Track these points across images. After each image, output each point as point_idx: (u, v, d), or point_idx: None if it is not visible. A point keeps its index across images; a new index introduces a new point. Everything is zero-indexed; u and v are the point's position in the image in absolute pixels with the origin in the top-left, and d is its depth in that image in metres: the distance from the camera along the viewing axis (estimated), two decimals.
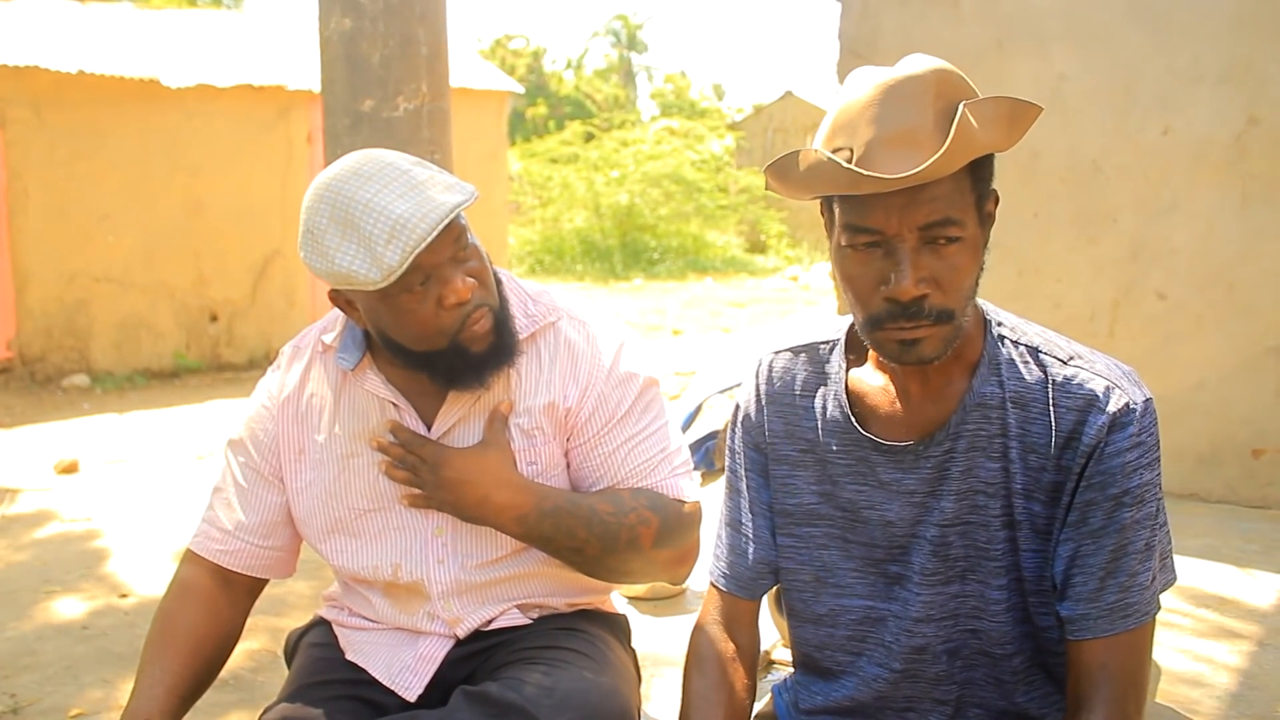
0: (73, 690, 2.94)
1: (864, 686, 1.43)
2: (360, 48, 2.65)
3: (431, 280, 1.45)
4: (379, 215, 1.39)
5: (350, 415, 1.62)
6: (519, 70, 29.82)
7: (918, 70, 1.21)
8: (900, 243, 1.21)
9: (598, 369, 1.61)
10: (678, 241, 19.49)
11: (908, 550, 1.37)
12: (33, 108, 8.14)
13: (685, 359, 8.63)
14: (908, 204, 1.19)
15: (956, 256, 1.23)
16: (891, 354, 1.28)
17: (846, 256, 1.26)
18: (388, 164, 1.45)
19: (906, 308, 1.22)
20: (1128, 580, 1.26)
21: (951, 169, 1.17)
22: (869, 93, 1.22)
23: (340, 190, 1.43)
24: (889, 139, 1.18)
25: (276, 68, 9.32)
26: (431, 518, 1.62)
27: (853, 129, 1.21)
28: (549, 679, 1.44)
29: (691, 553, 1.65)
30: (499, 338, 1.53)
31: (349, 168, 1.46)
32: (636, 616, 2.91)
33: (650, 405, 1.65)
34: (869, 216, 1.21)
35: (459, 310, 1.47)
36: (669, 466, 1.63)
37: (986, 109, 1.20)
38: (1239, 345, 4.04)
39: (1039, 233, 4.38)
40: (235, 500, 1.67)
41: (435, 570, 1.62)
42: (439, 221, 1.39)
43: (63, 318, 8.42)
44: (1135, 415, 1.25)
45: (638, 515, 1.56)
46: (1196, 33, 4.02)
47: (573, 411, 1.60)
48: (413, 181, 1.43)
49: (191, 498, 4.97)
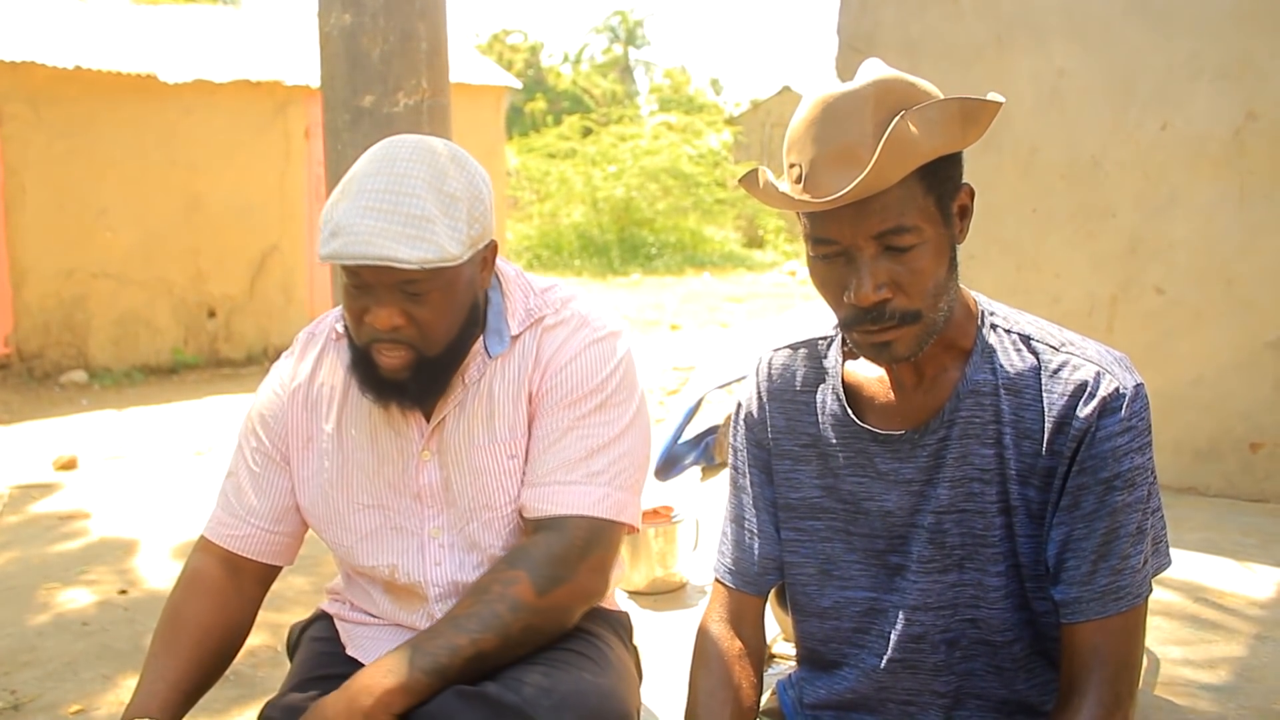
0: (72, 686, 2.94)
1: (865, 678, 1.44)
2: (360, 43, 2.65)
3: (365, 292, 1.47)
4: (346, 207, 1.42)
5: (357, 406, 1.63)
6: (516, 65, 29.79)
7: (856, 85, 1.25)
8: (858, 251, 1.25)
9: (560, 356, 1.59)
10: (675, 236, 19.50)
11: (906, 539, 1.39)
12: (29, 103, 8.13)
13: (683, 354, 8.63)
14: (857, 216, 1.23)
15: (917, 260, 1.26)
16: (867, 354, 1.33)
17: (814, 265, 1.32)
18: (409, 176, 1.44)
19: (869, 313, 1.27)
20: (1119, 563, 1.28)
21: (889, 181, 1.20)
22: (811, 110, 1.26)
23: (370, 160, 1.47)
24: (829, 156, 1.23)
25: (274, 63, 9.31)
26: (429, 520, 1.62)
27: (800, 146, 1.26)
28: (548, 680, 1.42)
29: (601, 565, 1.56)
30: (411, 377, 1.51)
31: (392, 152, 1.48)
32: (637, 611, 2.91)
33: (605, 406, 1.58)
34: (826, 229, 1.26)
35: (374, 331, 1.48)
36: (584, 471, 1.55)
37: (932, 113, 1.22)
38: (1237, 340, 4.04)
39: (1038, 227, 4.38)
40: (247, 484, 1.68)
41: (433, 572, 1.62)
42: (365, 257, 1.39)
43: (61, 314, 8.42)
44: (1125, 400, 1.27)
45: (501, 583, 1.48)
46: (1196, 28, 4.02)
47: (534, 398, 1.59)
48: (400, 210, 1.42)
49: (190, 493, 4.98)
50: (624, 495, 1.58)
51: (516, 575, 1.48)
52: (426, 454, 1.60)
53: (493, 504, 1.60)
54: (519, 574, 1.48)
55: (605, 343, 1.61)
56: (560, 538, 1.52)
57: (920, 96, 1.25)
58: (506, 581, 1.48)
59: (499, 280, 1.64)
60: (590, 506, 1.54)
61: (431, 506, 1.62)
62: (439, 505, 1.62)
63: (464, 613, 1.46)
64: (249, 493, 1.67)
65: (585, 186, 19.39)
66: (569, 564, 1.51)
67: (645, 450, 1.65)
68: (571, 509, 1.54)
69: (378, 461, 1.62)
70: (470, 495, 1.60)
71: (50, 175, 8.24)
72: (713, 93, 37.12)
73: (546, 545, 1.52)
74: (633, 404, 1.61)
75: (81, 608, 3.54)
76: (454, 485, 1.61)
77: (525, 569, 1.49)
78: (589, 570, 1.53)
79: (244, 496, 1.67)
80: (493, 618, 1.44)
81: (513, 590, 1.47)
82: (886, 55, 1.32)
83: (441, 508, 1.62)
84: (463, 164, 1.51)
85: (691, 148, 20.25)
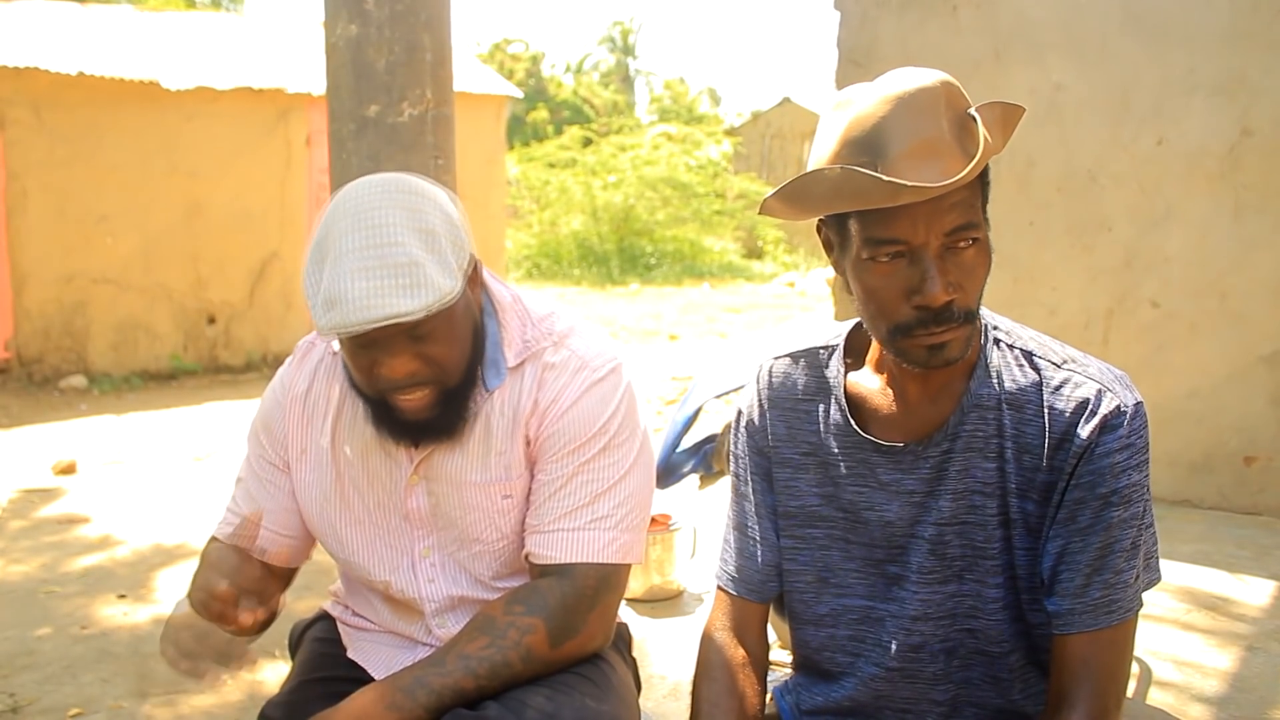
0: (71, 690, 2.95)
1: (863, 686, 1.45)
2: (366, 54, 2.67)
3: (374, 346, 1.42)
4: (334, 278, 1.36)
5: (350, 422, 1.62)
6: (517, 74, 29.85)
7: (929, 82, 1.24)
8: (926, 250, 1.24)
9: (561, 402, 1.55)
10: (674, 247, 19.51)
11: (906, 550, 1.40)
12: (32, 109, 8.15)
13: (682, 364, 8.65)
14: (933, 212, 1.22)
15: (974, 258, 1.26)
16: (919, 359, 1.30)
17: (868, 269, 1.28)
18: (387, 225, 1.38)
19: (938, 314, 1.25)
20: (1112, 577, 1.29)
21: (973, 176, 1.21)
22: (879, 106, 1.23)
23: (337, 223, 1.40)
24: (913, 150, 1.21)
25: (276, 71, 9.34)
26: (418, 540, 1.62)
27: (869, 143, 1.23)
28: (551, 704, 1.42)
29: (607, 612, 1.56)
30: (440, 413, 1.49)
31: (361, 203, 1.41)
32: (635, 618, 2.92)
33: (608, 449, 1.56)
34: (894, 228, 1.24)
35: (391, 382, 1.45)
36: (590, 516, 1.53)
37: (985, 115, 1.24)
38: (1231, 354, 4.07)
39: (1034, 241, 4.41)
40: (253, 489, 1.68)
41: (426, 589, 1.62)
42: (371, 321, 1.34)
43: (61, 319, 8.43)
44: (1125, 418, 1.29)
45: (518, 629, 1.46)
46: (1191, 45, 4.06)
47: (533, 443, 1.57)
48: (389, 263, 1.36)
49: (189, 499, 4.99)
50: (630, 536, 1.57)
51: (534, 624, 1.47)
52: (415, 478, 1.59)
53: (484, 538, 1.60)
54: (537, 623, 1.47)
55: (606, 383, 1.57)
56: (572, 586, 1.51)
57: (968, 99, 1.27)
58: (523, 629, 1.46)
59: (494, 308, 1.60)
60: (598, 553, 1.53)
61: (420, 528, 1.62)
62: (428, 527, 1.62)
63: (476, 653, 1.45)
64: (255, 497, 1.68)
65: (585, 196, 19.41)
66: (581, 614, 1.51)
67: (650, 486, 1.64)
68: (580, 556, 1.52)
69: (368, 480, 1.61)
70: (460, 528, 1.60)
71: (52, 181, 8.26)
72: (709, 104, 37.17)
73: (560, 593, 1.50)
74: (635, 442, 1.59)
75: (80, 612, 3.55)
76: (442, 513, 1.60)
77: (543, 618, 1.48)
78: (598, 619, 1.53)
79: (251, 501, 1.68)
80: (504, 665, 1.45)
81: (528, 640, 1.46)
82: (886, 68, 1.32)
83: (430, 530, 1.62)
84: (427, 194, 1.46)
85: (691, 158, 20.28)
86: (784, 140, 21.80)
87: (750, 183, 20.63)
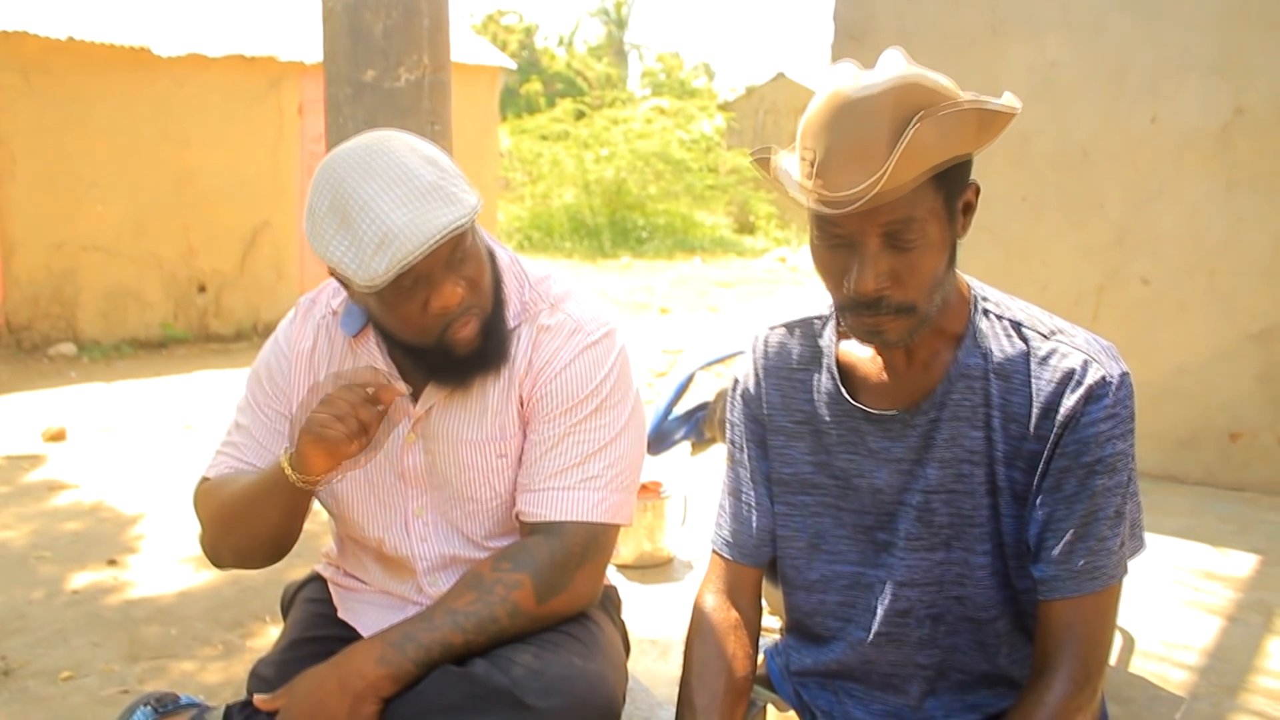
0: (62, 653, 2.96)
1: (851, 650, 1.47)
2: (363, 18, 2.65)
3: (420, 283, 1.43)
4: (373, 220, 1.36)
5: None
6: (511, 46, 29.62)
7: (876, 81, 1.23)
8: (862, 242, 1.26)
9: (555, 363, 1.58)
10: (666, 220, 19.45)
11: (894, 517, 1.42)
12: (21, 74, 8.07)
13: (673, 337, 8.66)
14: (867, 211, 1.22)
15: (919, 255, 1.27)
16: (859, 338, 1.35)
17: (816, 249, 1.33)
18: (396, 162, 1.40)
19: (866, 302, 1.28)
20: (1097, 544, 1.32)
21: (902, 185, 1.20)
22: (828, 103, 1.25)
23: (344, 181, 1.40)
24: (843, 153, 1.22)
25: (268, 38, 9.27)
26: (412, 499, 1.63)
27: (815, 136, 1.25)
28: (538, 661, 1.43)
29: (595, 571, 1.58)
30: (486, 341, 1.52)
31: (358, 158, 1.42)
32: (625, 585, 2.95)
33: (600, 411, 1.58)
34: (833, 217, 1.26)
35: (443, 316, 1.46)
36: (580, 475, 1.56)
37: (946, 120, 1.22)
38: (1220, 331, 4.10)
39: (1027, 217, 4.43)
40: (257, 432, 1.68)
41: (419, 547, 1.64)
42: (429, 240, 1.37)
43: (50, 286, 8.39)
44: (1111, 388, 1.30)
45: (505, 585, 1.48)
46: (1186, 23, 4.06)
47: (526, 403, 1.59)
48: (416, 188, 1.39)
49: (179, 467, 4.99)
50: (620, 497, 1.59)
51: (520, 580, 1.49)
52: (412, 437, 1.61)
53: (478, 497, 1.62)
54: (524, 578, 1.49)
55: (599, 346, 1.59)
56: (561, 543, 1.53)
57: (938, 98, 1.23)
58: (510, 585, 1.48)
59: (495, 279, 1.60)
60: (588, 511, 1.55)
61: (415, 486, 1.63)
62: (422, 485, 1.63)
63: (463, 609, 1.46)
64: (259, 439, 1.67)
65: (577, 169, 19.33)
66: (568, 571, 1.53)
67: (641, 448, 1.66)
68: (569, 514, 1.55)
69: None
70: (455, 486, 1.62)
71: (41, 147, 8.19)
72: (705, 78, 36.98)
73: (549, 550, 1.52)
74: (627, 405, 1.62)
75: (70, 577, 3.56)
76: (438, 472, 1.62)
77: (530, 574, 1.50)
78: (585, 577, 1.55)
79: (253, 444, 1.68)
80: (490, 621, 1.46)
81: (515, 595, 1.48)
82: (881, 43, 1.33)
83: (425, 488, 1.63)
84: (408, 136, 1.49)
85: (684, 132, 20.20)
86: (778, 115, 21.72)
87: (743, 158, 20.55)
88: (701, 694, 1.45)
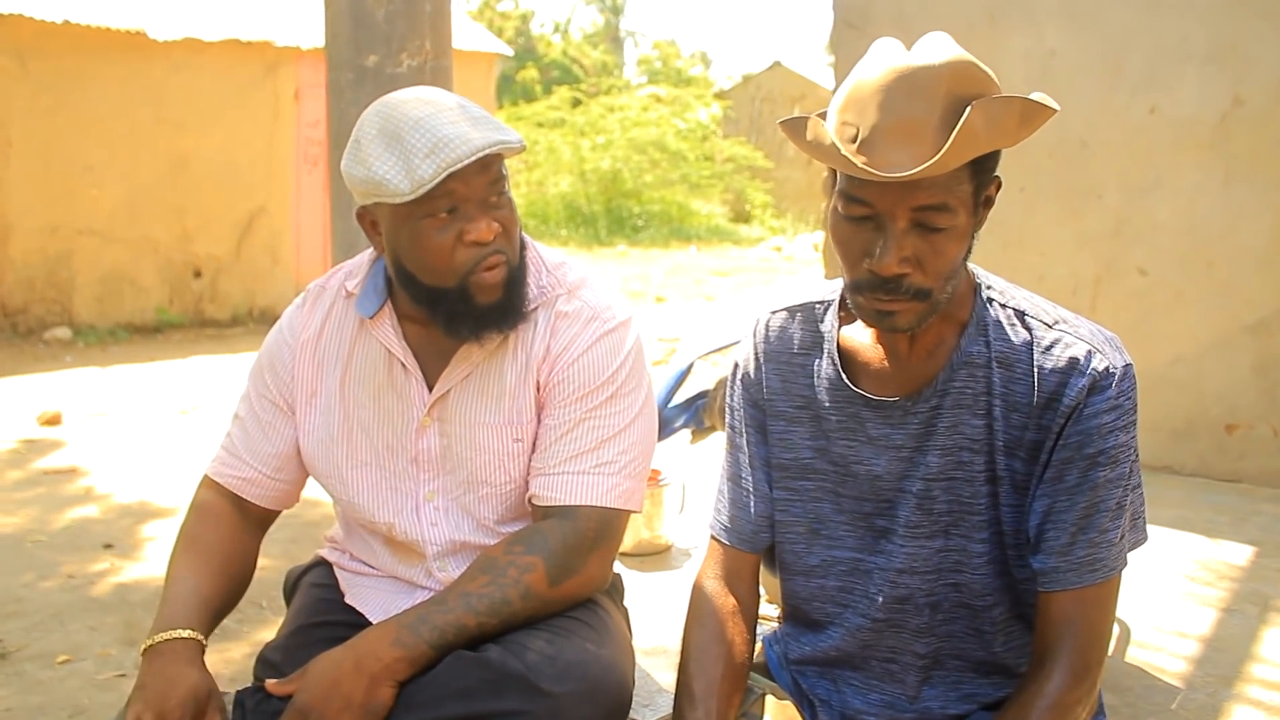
0: (59, 637, 2.96)
1: (849, 637, 1.48)
2: (366, 3, 2.64)
3: (458, 212, 1.47)
4: (425, 132, 1.43)
5: (362, 365, 1.64)
6: (507, 33, 29.52)
7: (933, 61, 1.22)
8: (891, 220, 1.24)
9: (572, 350, 1.59)
10: (662, 209, 19.44)
11: (894, 504, 1.42)
12: (16, 56, 8.04)
13: (669, 326, 8.66)
14: (903, 189, 1.22)
15: (943, 241, 1.26)
16: (868, 319, 1.34)
17: (839, 221, 1.30)
18: (448, 96, 1.50)
19: (886, 282, 1.27)
20: (1098, 536, 1.32)
21: (948, 168, 1.20)
22: (881, 75, 1.23)
23: (397, 107, 1.47)
24: (892, 127, 1.20)
25: (265, 23, 9.23)
26: (424, 483, 1.64)
27: (861, 109, 1.23)
28: (552, 647, 1.44)
29: (606, 556, 1.59)
30: (507, 295, 1.53)
31: (411, 94, 1.52)
32: (623, 572, 2.94)
33: (615, 398, 1.59)
34: (864, 190, 1.24)
35: (476, 250, 1.48)
36: (594, 460, 1.57)
37: (996, 109, 1.21)
38: (1216, 322, 4.10)
39: (1025, 206, 4.42)
40: (253, 429, 1.69)
41: (429, 532, 1.64)
42: (480, 148, 1.42)
43: (45, 270, 8.36)
44: (1114, 379, 1.30)
45: (517, 567, 1.49)
46: (1185, 12, 4.06)
47: (543, 389, 1.60)
48: (467, 115, 1.47)
49: (174, 452, 4.99)
50: (632, 483, 1.60)
51: (533, 562, 1.50)
52: (428, 420, 1.61)
53: (492, 481, 1.62)
54: (536, 561, 1.50)
55: (615, 334, 1.61)
56: (573, 527, 1.54)
57: (988, 86, 1.23)
58: (523, 568, 1.49)
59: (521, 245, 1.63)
60: (601, 496, 1.56)
61: (428, 470, 1.63)
62: (435, 470, 1.63)
63: (476, 591, 1.47)
64: (254, 438, 1.69)
65: (573, 157, 19.29)
66: (581, 555, 1.54)
67: (653, 437, 1.67)
68: (583, 499, 1.55)
69: (379, 421, 1.63)
70: (469, 470, 1.62)
71: (36, 130, 8.17)
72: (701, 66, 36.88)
73: (561, 534, 1.53)
74: (641, 393, 1.63)
75: (66, 561, 3.56)
76: (453, 455, 1.62)
77: (542, 557, 1.50)
78: (597, 561, 1.56)
79: (249, 441, 1.69)
80: (503, 603, 1.47)
81: (527, 578, 1.48)
82: (880, 30, 1.32)
83: (438, 472, 1.63)
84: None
85: (681, 120, 20.15)
86: (774, 104, 21.67)
87: (739, 146, 20.52)
88: (699, 679, 1.45)
